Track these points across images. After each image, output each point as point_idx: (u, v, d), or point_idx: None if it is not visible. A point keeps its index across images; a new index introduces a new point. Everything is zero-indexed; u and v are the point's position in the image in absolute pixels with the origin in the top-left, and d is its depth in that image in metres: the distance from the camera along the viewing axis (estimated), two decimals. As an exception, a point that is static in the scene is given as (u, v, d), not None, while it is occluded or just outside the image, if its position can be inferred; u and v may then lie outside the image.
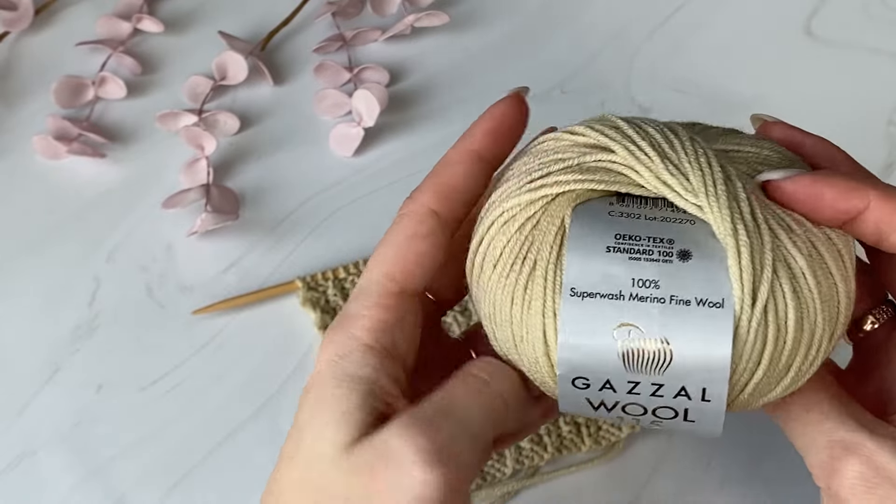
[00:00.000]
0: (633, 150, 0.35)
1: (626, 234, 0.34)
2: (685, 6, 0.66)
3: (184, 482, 0.51)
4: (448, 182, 0.37)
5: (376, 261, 0.37)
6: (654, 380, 0.34)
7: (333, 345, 0.35)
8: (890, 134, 0.61)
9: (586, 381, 0.34)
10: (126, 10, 0.65)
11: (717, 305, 0.33)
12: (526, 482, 0.51)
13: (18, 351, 0.55)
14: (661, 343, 0.33)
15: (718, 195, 0.33)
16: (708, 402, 0.34)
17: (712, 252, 0.33)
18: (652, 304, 0.33)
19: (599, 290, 0.33)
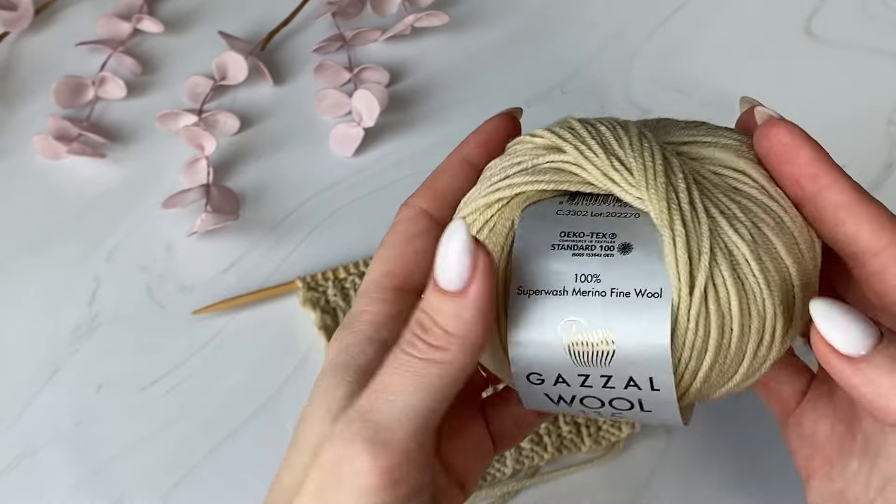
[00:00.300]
0: (581, 149, 0.35)
1: (571, 231, 0.35)
2: (685, 6, 0.66)
3: (184, 482, 0.51)
4: (439, 186, 0.39)
5: (376, 262, 0.38)
6: (603, 372, 0.34)
7: (336, 342, 0.36)
8: (890, 134, 0.61)
9: (540, 377, 0.35)
10: (126, 10, 0.65)
11: (654, 295, 0.33)
12: (526, 482, 0.51)
13: (18, 351, 0.55)
14: (603, 335, 0.34)
15: (657, 187, 0.34)
16: (658, 391, 0.34)
17: (652, 244, 0.34)
18: (594, 297, 0.34)
19: (544, 287, 0.34)
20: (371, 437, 0.32)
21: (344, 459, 0.32)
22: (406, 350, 0.33)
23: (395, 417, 0.32)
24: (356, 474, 0.32)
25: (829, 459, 0.38)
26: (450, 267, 0.32)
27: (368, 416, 0.32)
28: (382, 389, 0.33)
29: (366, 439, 0.32)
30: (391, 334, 0.35)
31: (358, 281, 0.55)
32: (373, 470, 0.32)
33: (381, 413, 0.32)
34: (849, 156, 0.60)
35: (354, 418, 0.32)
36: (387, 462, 0.32)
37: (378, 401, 0.33)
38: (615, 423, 0.51)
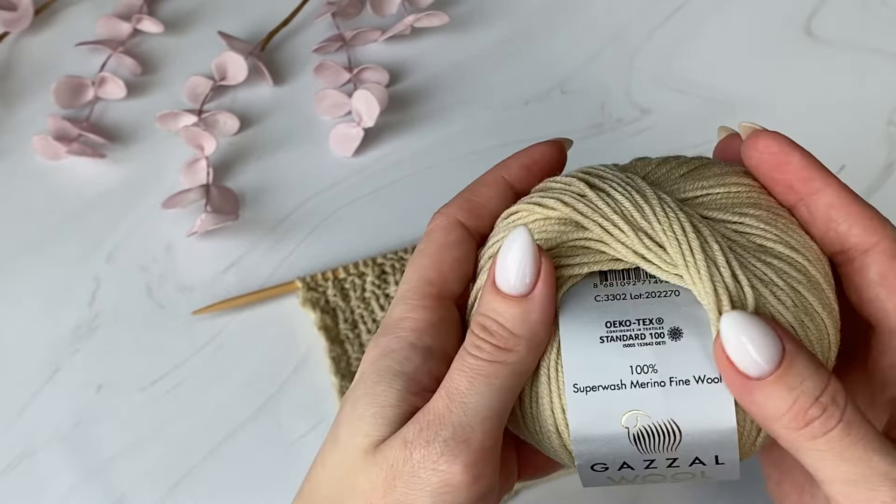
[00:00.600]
0: (606, 227, 0.35)
1: (616, 320, 0.34)
2: (685, 6, 0.66)
3: (184, 482, 0.51)
4: (476, 200, 0.38)
5: (413, 269, 0.37)
6: (668, 456, 0.34)
7: (378, 346, 0.36)
8: (890, 134, 0.61)
9: (604, 466, 0.35)
10: (126, 10, 0.65)
11: (715, 381, 0.33)
12: (526, 482, 0.51)
13: (18, 351, 0.55)
14: (668, 424, 0.33)
15: (698, 265, 0.33)
16: (722, 465, 0.34)
17: (701, 325, 0.34)
18: (653, 388, 0.33)
19: (601, 383, 0.34)
20: (451, 438, 0.33)
21: (423, 461, 0.33)
22: (473, 354, 0.34)
23: (471, 418, 0.33)
24: (439, 473, 0.33)
25: (800, 484, 0.38)
26: (514, 271, 0.33)
27: (445, 419, 0.33)
28: (455, 393, 0.33)
29: (445, 440, 0.33)
30: (434, 341, 0.36)
31: (358, 281, 0.55)
32: (456, 468, 0.33)
33: (457, 415, 0.33)
34: (849, 156, 0.60)
35: (431, 422, 0.33)
36: (469, 459, 0.33)
37: (452, 404, 0.33)
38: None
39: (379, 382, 0.35)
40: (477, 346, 0.34)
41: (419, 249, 0.38)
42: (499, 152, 0.60)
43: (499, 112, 0.62)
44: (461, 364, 0.34)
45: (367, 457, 0.34)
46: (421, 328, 0.36)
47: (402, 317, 0.36)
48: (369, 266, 0.55)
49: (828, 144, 0.61)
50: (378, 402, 0.34)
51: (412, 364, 0.35)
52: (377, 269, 0.55)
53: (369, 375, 0.35)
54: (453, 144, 0.61)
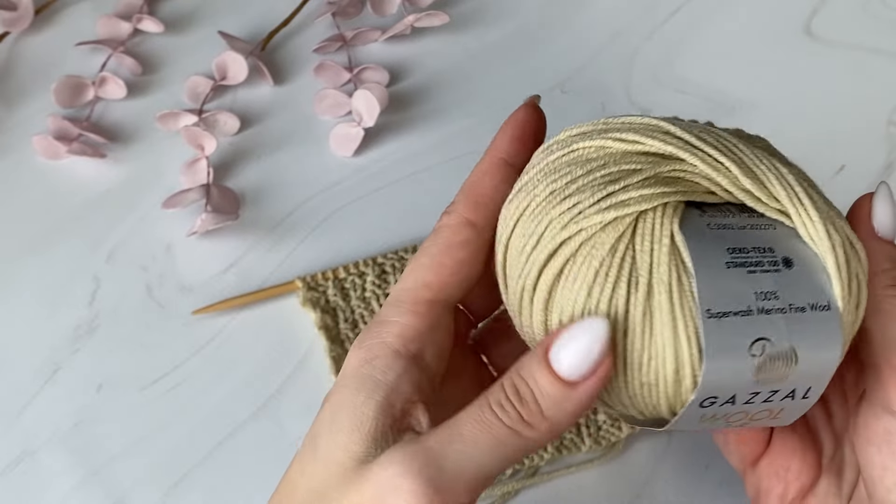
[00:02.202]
0: (705, 159, 0.34)
1: (736, 247, 0.34)
2: (685, 6, 0.66)
3: (184, 482, 0.51)
4: (480, 191, 0.38)
5: (411, 269, 0.37)
6: (773, 387, 0.33)
7: (361, 350, 0.35)
8: (890, 134, 0.61)
9: (713, 400, 0.33)
10: (126, 10, 0.65)
11: (825, 308, 0.33)
12: (526, 482, 0.51)
13: (18, 351, 0.55)
14: (789, 351, 0.33)
15: (803, 200, 0.34)
16: (806, 399, 0.34)
17: (807, 256, 0.34)
18: (777, 314, 0.33)
19: (731, 309, 0.33)
20: (432, 478, 0.32)
21: (395, 488, 0.32)
22: (494, 410, 0.33)
23: (461, 469, 0.32)
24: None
25: (804, 488, 0.40)
26: (575, 360, 0.32)
27: (436, 457, 0.32)
28: (458, 438, 0.32)
29: (428, 478, 0.32)
30: (420, 349, 0.35)
31: (358, 281, 0.55)
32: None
33: (449, 460, 0.32)
34: (849, 156, 0.60)
35: (419, 453, 0.32)
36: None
37: (450, 447, 0.32)
38: (615, 423, 0.51)
39: (359, 392, 0.34)
40: (502, 408, 0.33)
41: (423, 247, 0.37)
42: (499, 152, 0.61)
43: (499, 112, 0.61)
44: (479, 415, 0.33)
45: (346, 474, 0.33)
46: (408, 335, 0.35)
47: (390, 320, 0.36)
48: (369, 266, 0.55)
49: (828, 144, 0.61)
50: (357, 415, 0.34)
51: (394, 373, 0.35)
52: (377, 268, 0.55)
53: (350, 381, 0.35)
54: (453, 144, 0.61)
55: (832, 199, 0.38)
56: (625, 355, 0.33)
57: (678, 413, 0.34)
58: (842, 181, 0.59)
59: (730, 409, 0.34)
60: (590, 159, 0.35)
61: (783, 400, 0.34)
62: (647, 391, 0.34)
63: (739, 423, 0.35)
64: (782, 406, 0.34)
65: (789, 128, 0.62)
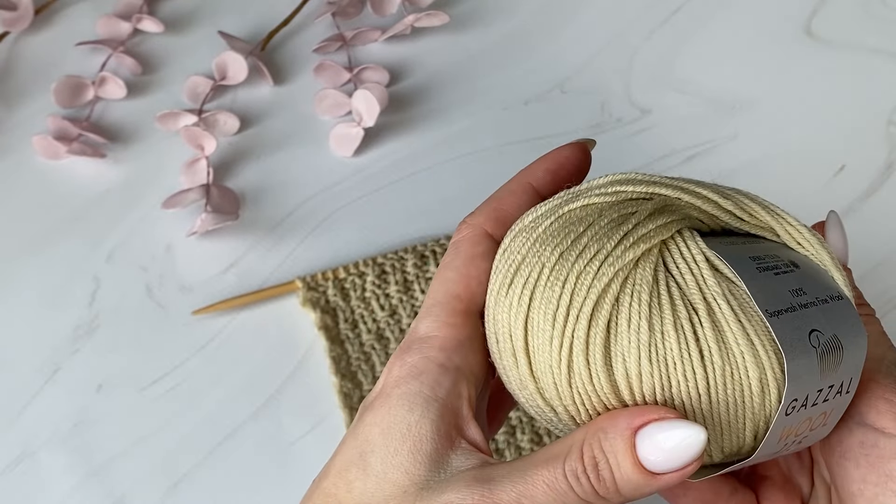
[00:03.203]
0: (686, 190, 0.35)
1: (754, 255, 0.34)
2: (685, 6, 0.66)
3: (184, 482, 0.51)
4: (504, 208, 0.37)
5: (439, 283, 0.37)
6: (832, 381, 0.33)
7: (406, 365, 0.35)
8: (890, 134, 0.61)
9: (794, 405, 0.32)
10: (126, 10, 0.65)
11: (840, 298, 0.34)
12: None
13: (18, 351, 0.55)
14: (834, 339, 0.33)
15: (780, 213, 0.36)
16: (848, 393, 0.34)
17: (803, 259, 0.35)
18: (812, 308, 0.33)
19: (782, 307, 0.32)
20: None
21: None
22: (570, 480, 0.32)
23: None
24: None
25: None
26: (666, 458, 0.31)
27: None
28: (526, 495, 0.32)
29: None
30: (463, 361, 0.35)
31: (358, 281, 0.55)
32: None
33: None
34: (849, 156, 0.60)
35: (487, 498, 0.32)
36: None
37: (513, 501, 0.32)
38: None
39: (412, 410, 0.34)
40: (577, 480, 0.32)
41: (445, 262, 0.37)
42: (499, 152, 0.61)
43: (499, 112, 0.62)
44: (552, 481, 0.32)
45: (406, 498, 0.33)
46: (450, 347, 0.35)
47: (429, 335, 0.35)
48: (369, 266, 0.55)
49: (828, 144, 0.61)
50: (413, 435, 0.33)
51: (444, 389, 0.34)
52: (377, 268, 0.55)
53: (400, 400, 0.34)
54: (453, 144, 0.61)
55: (832, 198, 0.38)
56: (706, 380, 0.32)
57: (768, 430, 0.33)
58: (842, 181, 0.59)
59: (802, 415, 0.33)
60: (582, 218, 0.34)
61: (835, 397, 0.33)
62: (734, 413, 0.33)
63: (801, 437, 0.34)
64: (833, 405, 0.33)
65: (789, 128, 0.62)
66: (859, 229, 0.58)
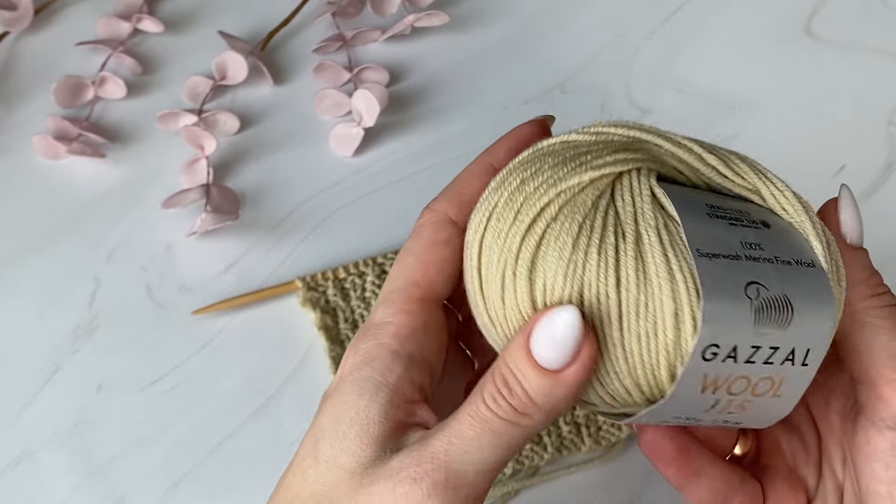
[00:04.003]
0: (670, 139, 0.35)
1: (715, 204, 0.34)
2: (685, 6, 0.66)
3: (184, 482, 0.51)
4: (466, 192, 0.37)
5: (398, 269, 0.37)
6: (773, 342, 0.32)
7: (359, 352, 0.35)
8: (890, 134, 0.61)
9: (716, 351, 0.32)
10: (126, 10, 0.65)
11: (810, 265, 0.33)
12: (526, 482, 0.51)
13: (18, 351, 0.55)
14: (783, 297, 0.32)
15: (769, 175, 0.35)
16: (805, 366, 0.33)
17: (782, 224, 0.34)
18: (764, 263, 0.32)
19: (720, 251, 0.32)
20: (441, 482, 0.32)
21: (407, 495, 0.32)
22: (488, 405, 0.33)
23: (468, 469, 0.33)
24: None
25: None
26: (554, 349, 0.32)
27: (441, 461, 0.33)
28: (459, 439, 0.33)
29: (435, 482, 0.32)
30: (417, 347, 0.35)
31: (358, 281, 0.55)
32: None
33: (455, 461, 0.33)
34: (849, 156, 0.60)
35: (425, 458, 0.33)
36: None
37: (452, 448, 0.33)
38: (615, 423, 0.51)
39: (362, 395, 0.34)
40: (494, 401, 0.33)
41: (406, 247, 0.37)
42: (499, 152, 0.61)
43: (499, 112, 0.62)
44: (474, 411, 0.33)
45: (353, 479, 0.33)
46: (404, 334, 0.35)
47: (384, 321, 0.36)
48: (369, 266, 0.55)
49: (828, 144, 0.61)
50: (362, 419, 0.34)
51: (395, 374, 0.35)
52: (377, 268, 0.55)
53: (351, 386, 0.35)
54: (453, 144, 0.61)
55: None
56: (619, 307, 0.32)
57: (680, 370, 0.32)
58: (842, 181, 0.59)
59: (732, 368, 0.32)
60: (555, 151, 0.35)
61: (784, 364, 0.32)
62: (646, 345, 0.32)
63: (742, 402, 0.33)
64: (783, 374, 0.33)
65: (790, 128, 0.62)
66: (859, 229, 0.58)
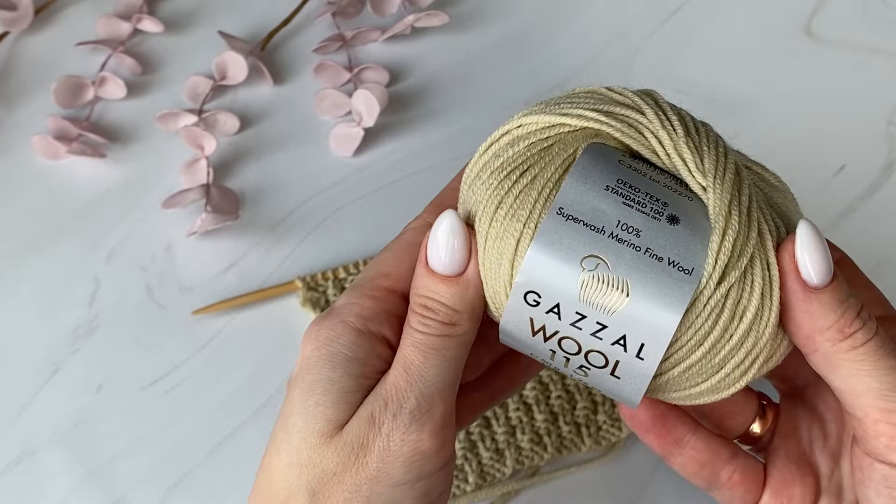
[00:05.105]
0: (661, 119, 0.36)
1: (628, 182, 0.35)
2: (685, 6, 0.66)
3: (184, 482, 0.51)
4: (448, 204, 0.39)
5: (372, 263, 0.38)
6: (601, 319, 0.34)
7: (324, 330, 0.36)
8: (890, 134, 0.61)
9: (537, 299, 0.35)
10: (126, 10, 0.65)
11: (685, 271, 0.34)
12: (526, 482, 0.51)
13: (18, 351, 0.55)
14: (621, 284, 0.34)
15: (725, 180, 0.35)
16: (641, 360, 0.35)
17: (699, 227, 0.34)
18: (628, 247, 0.34)
19: (584, 219, 0.34)
20: (416, 409, 0.35)
21: (393, 432, 0.34)
22: (421, 331, 0.35)
23: (431, 390, 0.35)
24: (409, 442, 0.34)
25: None
26: (448, 255, 0.35)
27: (406, 392, 0.35)
28: (411, 367, 0.35)
29: (412, 411, 0.34)
30: (379, 328, 0.36)
31: (358, 281, 0.55)
32: (425, 436, 0.35)
33: (418, 388, 0.35)
34: (849, 156, 0.60)
35: (394, 396, 0.35)
36: (434, 427, 0.35)
37: (411, 377, 0.35)
38: (615, 423, 0.51)
39: (334, 368, 0.35)
40: (423, 324, 0.35)
41: (387, 246, 0.39)
42: (499, 152, 0.61)
43: (499, 112, 0.62)
44: (411, 340, 0.35)
45: (327, 439, 0.35)
46: (367, 315, 0.36)
47: (349, 302, 0.37)
48: (369, 266, 0.55)
49: (828, 144, 0.61)
50: (337, 389, 0.35)
51: (363, 350, 0.36)
52: (377, 269, 0.55)
53: (320, 361, 0.35)
54: (453, 144, 0.61)
55: (832, 199, 0.38)
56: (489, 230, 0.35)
57: (504, 301, 0.35)
58: (842, 181, 0.59)
59: (557, 323, 0.35)
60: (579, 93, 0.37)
61: (614, 346, 0.35)
62: (493, 271, 0.35)
63: (576, 364, 0.36)
64: (616, 357, 0.35)
65: (790, 128, 0.62)
66: (859, 229, 0.58)
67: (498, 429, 0.51)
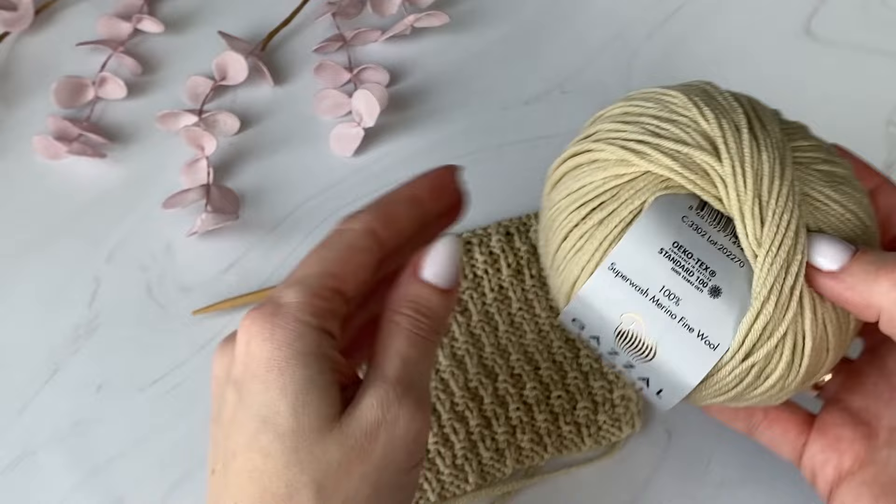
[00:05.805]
0: (735, 169, 0.36)
1: (683, 246, 0.37)
2: (685, 6, 0.66)
3: (184, 482, 0.51)
4: (392, 212, 0.41)
5: (314, 259, 0.39)
6: (630, 361, 0.39)
7: (279, 329, 0.37)
8: (890, 134, 0.61)
9: (582, 326, 0.40)
10: (126, 10, 0.65)
11: (712, 346, 0.37)
12: (526, 482, 0.51)
13: (18, 351, 0.55)
14: (651, 344, 0.38)
15: (777, 255, 0.36)
16: (659, 398, 0.40)
17: (738, 300, 0.36)
18: (665, 314, 0.37)
19: (632, 278, 0.37)
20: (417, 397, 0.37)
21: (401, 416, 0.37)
22: (416, 332, 0.39)
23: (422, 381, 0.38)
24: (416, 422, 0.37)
25: (859, 457, 0.42)
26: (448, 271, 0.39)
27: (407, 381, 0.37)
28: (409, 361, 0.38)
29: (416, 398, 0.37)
30: (331, 327, 0.37)
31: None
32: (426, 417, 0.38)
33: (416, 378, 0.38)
34: (849, 156, 0.60)
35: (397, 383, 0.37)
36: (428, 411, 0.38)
37: (409, 368, 0.38)
38: (615, 423, 0.51)
39: (307, 367, 0.36)
40: (418, 325, 0.38)
41: (324, 243, 0.39)
42: (498, 152, 0.61)
43: (499, 112, 0.62)
44: (414, 340, 0.38)
45: (326, 434, 0.36)
46: (321, 314, 0.37)
47: (301, 301, 0.37)
48: (369, 266, 0.55)
49: (828, 144, 0.61)
50: (317, 386, 0.36)
51: (325, 347, 0.37)
52: (377, 269, 0.55)
53: (290, 362, 0.36)
54: (453, 144, 0.61)
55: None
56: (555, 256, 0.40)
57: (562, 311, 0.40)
58: (842, 181, 0.59)
59: (597, 346, 0.40)
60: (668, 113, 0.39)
61: (640, 380, 0.39)
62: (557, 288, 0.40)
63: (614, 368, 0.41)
64: (641, 386, 0.40)
65: (789, 128, 0.62)
66: (859, 229, 0.58)
67: (498, 429, 0.51)
